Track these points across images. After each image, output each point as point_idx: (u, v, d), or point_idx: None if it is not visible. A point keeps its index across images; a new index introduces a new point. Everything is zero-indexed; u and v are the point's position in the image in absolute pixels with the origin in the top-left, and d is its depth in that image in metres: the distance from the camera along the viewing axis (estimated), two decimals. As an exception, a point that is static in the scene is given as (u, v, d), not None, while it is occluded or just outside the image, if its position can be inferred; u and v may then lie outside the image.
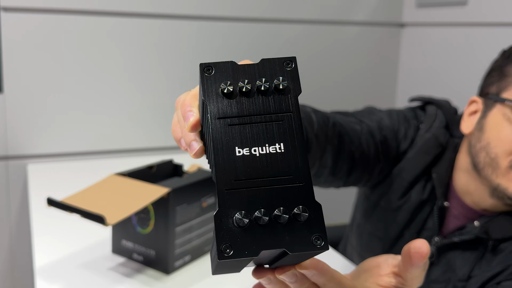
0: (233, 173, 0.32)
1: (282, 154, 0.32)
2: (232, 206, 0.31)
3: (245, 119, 0.33)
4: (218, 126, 0.33)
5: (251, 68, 0.35)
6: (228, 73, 0.34)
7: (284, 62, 0.35)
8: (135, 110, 1.42)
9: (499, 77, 0.80)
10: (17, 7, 1.24)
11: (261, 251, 0.30)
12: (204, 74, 0.34)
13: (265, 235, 0.30)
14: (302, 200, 0.31)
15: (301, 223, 0.31)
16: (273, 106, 0.33)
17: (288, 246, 0.30)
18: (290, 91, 0.34)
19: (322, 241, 0.30)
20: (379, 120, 0.89)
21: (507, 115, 0.76)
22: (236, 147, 0.32)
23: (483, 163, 0.78)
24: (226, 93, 0.33)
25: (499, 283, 0.76)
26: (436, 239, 0.84)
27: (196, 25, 1.44)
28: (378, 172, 0.89)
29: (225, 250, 0.30)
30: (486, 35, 1.44)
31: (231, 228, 0.30)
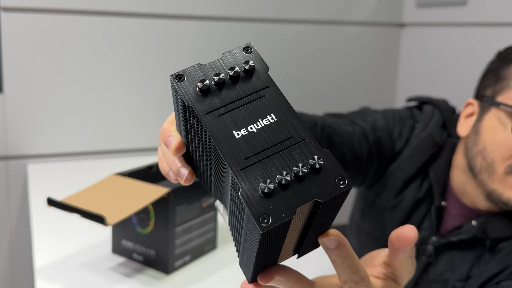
0: (240, 153, 0.33)
1: (276, 122, 0.34)
2: (253, 181, 0.32)
3: (230, 106, 0.35)
4: (209, 120, 0.34)
5: (216, 64, 0.37)
6: (198, 73, 0.36)
7: (244, 49, 0.37)
8: (135, 110, 1.42)
9: (495, 79, 0.80)
10: (17, 7, 1.24)
11: (296, 208, 0.31)
12: (178, 83, 0.36)
13: (294, 194, 0.32)
14: (311, 152, 0.33)
15: (319, 172, 0.32)
16: (250, 87, 0.36)
17: (318, 195, 0.32)
18: (259, 70, 0.36)
19: (346, 180, 0.32)
20: (373, 121, 0.89)
21: (502, 119, 0.76)
22: (233, 131, 0.34)
23: (479, 167, 0.78)
24: (204, 90, 0.35)
25: (498, 283, 0.76)
26: (434, 239, 0.84)
27: (196, 25, 1.44)
28: (373, 172, 0.89)
29: (264, 221, 0.31)
30: (486, 35, 1.44)
31: (260, 199, 0.32)
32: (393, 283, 0.43)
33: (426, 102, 0.94)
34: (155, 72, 1.42)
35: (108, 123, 1.40)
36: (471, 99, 0.84)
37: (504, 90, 0.77)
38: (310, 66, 1.63)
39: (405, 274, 0.43)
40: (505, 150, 0.74)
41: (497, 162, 0.75)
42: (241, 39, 1.50)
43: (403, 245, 0.39)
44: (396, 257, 0.41)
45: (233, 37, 1.49)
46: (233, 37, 1.49)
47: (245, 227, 0.34)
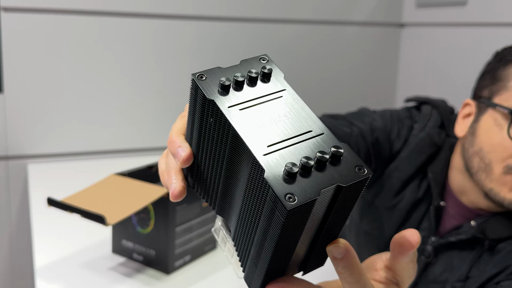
0: (263, 140, 0.34)
1: (295, 117, 0.36)
2: (276, 164, 0.33)
3: (251, 102, 0.36)
4: (231, 112, 0.36)
5: (234, 68, 0.38)
6: (219, 74, 0.38)
7: (260, 58, 0.39)
8: (135, 110, 1.42)
9: (491, 80, 0.80)
10: (17, 7, 1.24)
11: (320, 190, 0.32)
12: (200, 81, 0.37)
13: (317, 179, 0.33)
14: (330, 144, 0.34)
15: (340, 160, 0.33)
16: (268, 88, 0.37)
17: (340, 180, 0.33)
18: (276, 75, 0.38)
19: (365, 169, 0.33)
20: (371, 122, 0.89)
21: (498, 120, 0.76)
22: (255, 123, 0.35)
23: (476, 167, 0.78)
24: (225, 87, 0.36)
25: (498, 283, 0.76)
26: (433, 239, 0.84)
27: (196, 25, 1.44)
28: None
29: (289, 200, 0.31)
30: (486, 35, 1.44)
31: (285, 180, 0.32)
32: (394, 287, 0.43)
33: (425, 102, 0.94)
34: (155, 72, 1.42)
35: (108, 123, 1.40)
36: (469, 99, 0.84)
37: (501, 91, 0.77)
38: (310, 66, 1.63)
39: (407, 278, 0.42)
40: (502, 151, 0.74)
41: (494, 163, 0.75)
42: (241, 39, 1.50)
43: (405, 249, 0.39)
44: (398, 261, 0.41)
45: (233, 37, 1.49)
46: (233, 37, 1.49)
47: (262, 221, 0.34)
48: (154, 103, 1.44)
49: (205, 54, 1.47)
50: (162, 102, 1.45)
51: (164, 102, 1.45)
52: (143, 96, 1.43)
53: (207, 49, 1.47)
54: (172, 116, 1.47)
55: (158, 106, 1.45)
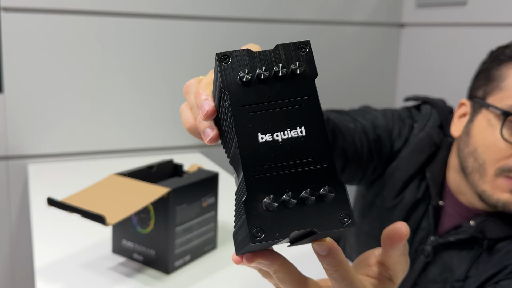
0: (258, 159, 0.33)
1: (303, 137, 0.33)
2: (260, 191, 0.32)
3: (265, 105, 0.34)
4: (240, 114, 0.34)
5: (266, 55, 0.35)
6: (245, 61, 0.35)
7: (299, 46, 0.35)
8: (135, 110, 1.42)
9: (485, 80, 0.80)
10: (17, 7, 1.24)
11: (291, 232, 0.31)
12: (222, 64, 0.35)
13: (294, 217, 0.32)
14: (326, 181, 0.32)
15: (327, 203, 0.32)
16: (291, 91, 0.34)
17: (317, 225, 0.31)
18: (307, 75, 0.35)
19: (349, 219, 0.32)
20: (374, 119, 0.90)
21: (492, 121, 0.76)
22: (258, 133, 0.33)
23: (471, 168, 0.78)
24: (245, 81, 0.34)
25: (497, 283, 0.76)
26: (432, 239, 0.84)
27: (196, 25, 1.44)
28: (372, 170, 0.89)
29: (257, 234, 0.31)
30: (486, 35, 1.44)
31: (261, 212, 0.32)
32: (388, 282, 0.43)
33: (424, 101, 0.94)
34: (155, 72, 1.42)
35: (108, 123, 1.40)
36: (464, 99, 0.84)
37: (494, 92, 0.77)
38: (310, 66, 1.63)
39: (400, 272, 0.43)
40: (495, 152, 0.74)
41: (488, 164, 0.75)
42: (241, 39, 1.50)
43: (395, 242, 0.40)
44: (390, 255, 0.41)
45: (233, 37, 1.49)
46: (233, 37, 1.49)
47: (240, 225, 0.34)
48: (154, 103, 1.44)
49: (205, 54, 1.47)
50: (162, 102, 1.45)
51: (164, 102, 1.45)
52: (143, 96, 1.43)
53: (207, 49, 1.47)
54: (172, 116, 1.47)
55: (158, 106, 1.45)
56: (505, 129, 0.73)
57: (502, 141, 0.73)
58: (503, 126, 0.73)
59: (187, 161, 1.32)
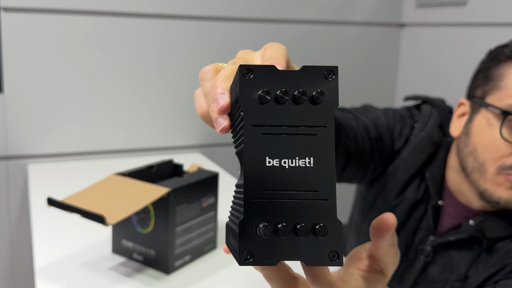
0: (261, 183, 0.33)
1: (311, 168, 0.33)
2: (257, 216, 0.32)
3: (279, 129, 0.33)
4: (251, 133, 0.33)
5: (291, 75, 0.34)
6: (267, 78, 0.34)
7: (326, 71, 0.34)
8: (135, 110, 1.42)
9: (484, 80, 0.79)
10: (17, 7, 1.24)
11: (280, 260, 0.32)
12: (243, 77, 0.34)
13: (285, 247, 0.32)
14: (324, 217, 0.32)
15: (320, 238, 0.32)
16: (308, 118, 0.33)
17: (305, 258, 0.32)
18: (327, 104, 0.34)
19: (338, 258, 0.32)
20: (375, 118, 0.90)
21: (491, 121, 0.76)
22: (267, 157, 0.33)
23: (471, 167, 0.78)
24: (262, 101, 0.33)
25: (496, 282, 0.76)
26: (431, 238, 0.84)
27: (196, 25, 1.44)
28: (373, 169, 0.89)
29: (246, 257, 0.32)
30: (486, 35, 1.44)
31: (254, 236, 0.32)
32: (379, 275, 0.43)
33: (424, 101, 0.94)
34: (155, 72, 1.42)
35: (108, 123, 1.40)
36: (463, 99, 0.84)
37: (493, 91, 0.77)
38: (310, 66, 1.63)
39: (390, 264, 0.43)
40: (495, 152, 0.74)
41: (488, 163, 0.75)
42: (241, 39, 1.50)
43: (383, 232, 0.40)
44: (379, 246, 0.41)
45: (233, 37, 1.49)
46: (233, 37, 1.49)
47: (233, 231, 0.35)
48: (154, 103, 1.44)
49: (205, 54, 1.47)
50: (162, 102, 1.45)
51: (164, 102, 1.45)
52: (143, 96, 1.43)
53: (207, 49, 1.47)
54: (172, 116, 1.47)
55: (158, 106, 1.45)
56: (504, 128, 0.73)
57: (502, 140, 0.73)
58: (502, 126, 0.73)
59: (187, 161, 1.32)
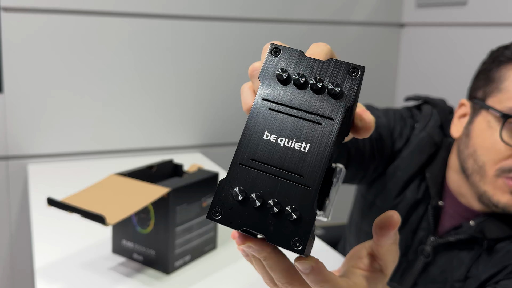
0: (252, 152, 0.33)
1: (303, 153, 0.33)
2: (237, 180, 0.33)
3: (286, 108, 0.34)
4: (259, 105, 0.34)
5: (316, 64, 0.35)
6: (292, 60, 0.35)
7: (351, 69, 0.35)
8: (135, 110, 1.42)
9: (485, 81, 0.79)
10: (17, 7, 1.24)
11: (243, 228, 0.32)
12: (270, 55, 0.35)
13: (253, 217, 0.32)
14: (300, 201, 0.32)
15: (289, 221, 0.32)
16: (318, 107, 0.34)
17: (268, 234, 0.32)
18: (342, 99, 0.34)
19: (300, 246, 0.31)
20: (375, 118, 0.89)
21: (491, 123, 0.75)
22: (266, 130, 0.34)
23: (471, 169, 0.78)
24: (279, 79, 0.34)
25: (497, 283, 0.76)
26: (431, 239, 0.84)
27: (196, 25, 1.44)
28: (373, 169, 0.89)
29: (215, 213, 0.33)
30: (486, 35, 1.44)
31: (228, 198, 0.33)
32: (379, 274, 0.43)
33: (425, 101, 0.94)
34: (155, 72, 1.42)
35: (108, 123, 1.40)
36: (464, 99, 0.84)
37: (494, 93, 0.76)
38: (310, 66, 1.63)
39: (390, 262, 0.43)
40: (494, 154, 0.74)
41: (488, 165, 0.75)
42: (241, 39, 1.50)
43: (387, 230, 0.40)
44: (381, 244, 0.41)
45: (233, 37, 1.49)
46: (233, 37, 1.49)
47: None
48: (154, 103, 1.44)
49: (205, 54, 1.47)
50: (162, 102, 1.45)
51: (165, 102, 1.45)
52: (143, 96, 1.43)
53: (207, 49, 1.47)
54: (172, 116, 1.47)
55: (158, 106, 1.45)
56: (505, 131, 0.73)
57: (502, 143, 0.73)
58: (502, 129, 0.73)
59: (187, 161, 1.32)
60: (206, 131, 1.52)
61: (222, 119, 1.54)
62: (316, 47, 0.38)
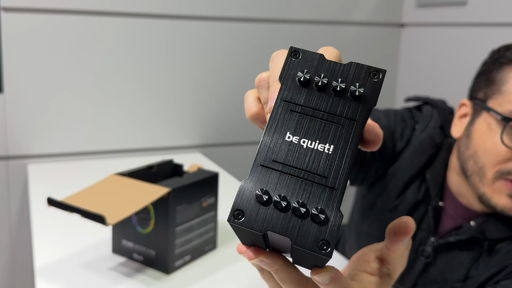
0: (274, 153, 0.33)
1: (327, 155, 0.33)
2: (259, 181, 0.32)
3: (308, 110, 0.34)
4: (280, 107, 0.34)
5: (336, 66, 0.35)
6: (313, 63, 0.35)
7: (372, 71, 0.35)
8: (135, 110, 1.42)
9: (486, 82, 0.79)
10: (17, 7, 1.24)
11: (268, 231, 0.31)
12: (290, 58, 0.35)
13: (278, 219, 0.31)
14: (326, 203, 0.32)
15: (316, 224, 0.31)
16: (340, 108, 0.34)
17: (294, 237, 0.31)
18: (364, 101, 0.34)
19: (328, 248, 0.30)
20: (376, 120, 0.89)
21: (492, 125, 0.75)
22: (288, 132, 0.33)
23: (471, 171, 0.78)
24: (300, 81, 0.34)
25: (497, 283, 0.76)
26: (432, 239, 0.84)
27: (196, 25, 1.44)
28: (374, 171, 0.89)
29: (237, 216, 0.32)
30: (486, 35, 1.44)
31: (251, 199, 0.32)
32: (387, 278, 0.43)
33: (425, 102, 0.94)
34: (155, 72, 1.42)
35: (108, 123, 1.40)
36: (465, 99, 0.84)
37: (495, 95, 0.76)
38: (310, 66, 1.63)
39: (400, 266, 0.43)
40: (494, 156, 0.74)
41: (487, 167, 0.75)
42: (241, 39, 1.50)
43: (401, 236, 0.40)
44: (394, 249, 0.41)
45: (233, 37, 1.49)
46: (233, 37, 1.49)
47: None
48: (154, 103, 1.44)
49: (205, 54, 1.47)
50: (162, 102, 1.45)
51: (164, 102, 1.45)
52: (143, 96, 1.43)
53: (207, 49, 1.47)
54: (172, 116, 1.47)
55: (158, 106, 1.45)
56: (505, 134, 0.73)
57: (502, 146, 0.73)
58: (503, 132, 0.73)
59: (187, 161, 1.32)
60: (206, 131, 1.52)
61: (222, 119, 1.54)
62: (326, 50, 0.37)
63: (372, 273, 0.42)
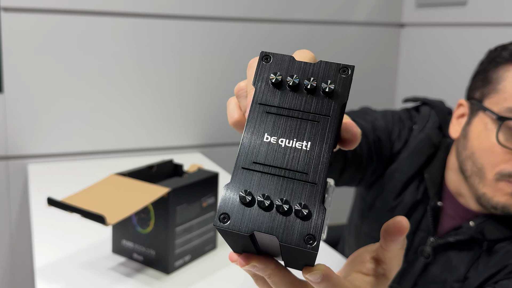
0: (254, 155, 0.33)
1: (306, 152, 0.33)
2: (242, 183, 0.33)
3: (283, 110, 0.34)
4: (256, 110, 0.35)
5: (307, 66, 0.36)
6: (283, 65, 0.36)
7: (341, 68, 0.36)
8: (135, 110, 1.42)
9: (483, 82, 0.79)
10: (17, 7, 1.24)
11: (254, 231, 0.31)
12: (261, 62, 0.36)
13: (263, 219, 0.32)
14: (308, 198, 0.32)
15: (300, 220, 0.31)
16: (314, 106, 0.34)
17: (280, 234, 0.31)
18: (336, 97, 0.35)
19: (314, 242, 0.31)
20: (373, 121, 0.89)
21: (488, 125, 0.75)
22: (265, 133, 0.34)
23: (470, 171, 0.78)
24: (273, 83, 0.35)
25: (496, 283, 0.76)
26: (431, 240, 0.84)
27: (196, 25, 1.44)
28: (371, 172, 0.89)
29: (223, 220, 0.32)
30: (486, 35, 1.44)
31: (235, 202, 0.32)
32: (382, 278, 0.43)
33: (423, 103, 0.94)
34: (155, 72, 1.42)
35: (108, 123, 1.40)
36: (462, 100, 0.83)
37: (491, 95, 0.76)
38: (310, 66, 1.63)
39: (395, 266, 0.43)
40: (492, 157, 0.74)
41: (486, 168, 0.75)
42: (241, 39, 1.50)
43: (396, 235, 0.40)
44: (389, 249, 0.41)
45: (233, 37, 1.49)
46: (233, 37, 1.49)
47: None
48: (154, 103, 1.44)
49: (205, 54, 1.47)
50: (162, 102, 1.45)
51: (164, 102, 1.45)
52: (143, 96, 1.43)
53: (207, 49, 1.47)
54: (172, 116, 1.47)
55: (158, 106, 1.45)
56: (501, 134, 0.73)
57: (498, 146, 0.73)
58: (499, 131, 0.73)
59: (187, 161, 1.32)
60: (206, 131, 1.52)
61: (222, 119, 1.54)
62: (301, 53, 0.38)
63: (367, 273, 0.42)
